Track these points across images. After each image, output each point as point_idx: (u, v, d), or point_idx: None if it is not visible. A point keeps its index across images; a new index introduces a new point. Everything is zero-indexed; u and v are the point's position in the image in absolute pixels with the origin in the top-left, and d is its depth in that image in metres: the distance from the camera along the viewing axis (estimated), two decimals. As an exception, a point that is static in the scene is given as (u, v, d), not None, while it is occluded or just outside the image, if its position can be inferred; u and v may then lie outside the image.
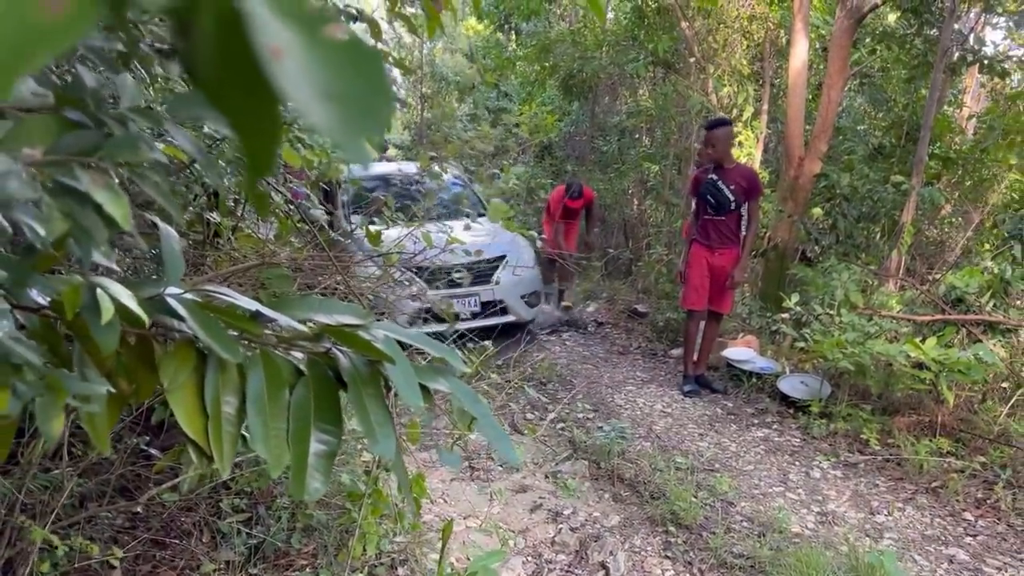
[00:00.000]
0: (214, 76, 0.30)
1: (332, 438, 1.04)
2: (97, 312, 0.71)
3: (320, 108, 0.28)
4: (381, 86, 0.29)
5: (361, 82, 0.29)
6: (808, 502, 3.74)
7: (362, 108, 0.29)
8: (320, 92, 0.28)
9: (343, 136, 0.28)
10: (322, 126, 0.28)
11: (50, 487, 2.22)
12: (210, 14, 0.29)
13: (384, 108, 0.29)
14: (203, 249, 2.47)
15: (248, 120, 0.31)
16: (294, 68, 0.27)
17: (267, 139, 0.32)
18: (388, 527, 2.87)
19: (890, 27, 7.86)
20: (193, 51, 0.30)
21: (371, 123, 0.29)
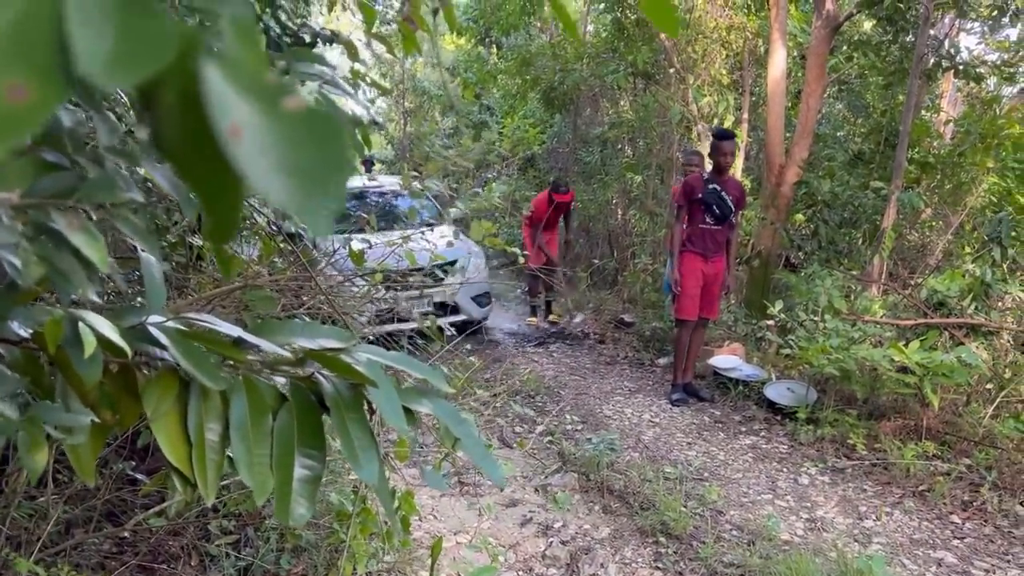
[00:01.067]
0: (177, 148, 0.31)
1: (316, 463, 1.04)
2: (79, 345, 0.72)
3: (276, 183, 0.28)
4: (337, 156, 0.30)
5: (317, 153, 0.30)
6: (797, 509, 3.76)
7: (317, 180, 0.29)
8: (278, 167, 0.29)
9: (300, 208, 0.29)
10: (279, 201, 0.28)
11: (35, 515, 2.20)
12: (172, 90, 0.30)
13: (340, 179, 0.30)
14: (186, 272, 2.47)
15: (211, 190, 0.32)
16: (252, 145, 0.28)
17: (229, 208, 0.33)
18: (377, 546, 2.86)
19: (866, 34, 7.95)
20: (157, 123, 0.31)
21: (327, 194, 0.29)
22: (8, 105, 0.25)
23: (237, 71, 0.29)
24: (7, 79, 0.25)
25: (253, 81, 0.29)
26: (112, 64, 0.25)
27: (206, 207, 0.33)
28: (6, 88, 0.25)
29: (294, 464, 1.01)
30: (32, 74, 0.26)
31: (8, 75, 0.25)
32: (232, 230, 0.33)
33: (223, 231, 0.33)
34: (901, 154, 6.02)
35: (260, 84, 0.29)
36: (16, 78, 0.25)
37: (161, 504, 2.65)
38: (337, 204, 0.30)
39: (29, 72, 0.26)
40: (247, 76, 0.29)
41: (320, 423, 1.06)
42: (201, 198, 0.33)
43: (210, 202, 0.33)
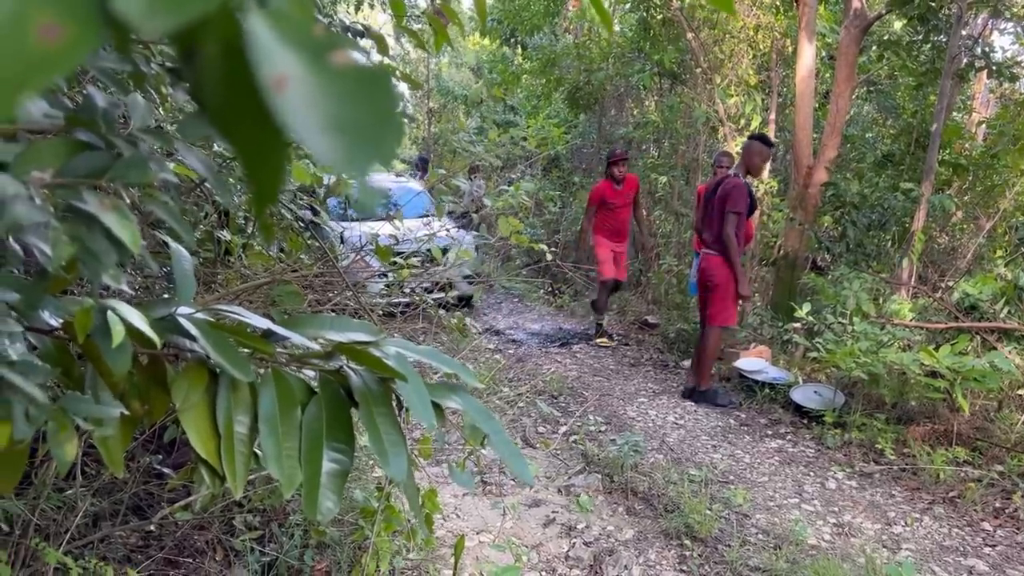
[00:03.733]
0: (219, 104, 0.30)
1: (344, 457, 1.03)
2: (108, 335, 0.71)
3: (324, 140, 0.27)
4: (389, 113, 0.29)
5: (369, 110, 0.28)
6: (824, 513, 3.71)
7: (369, 138, 0.28)
8: (325, 122, 0.27)
9: (349, 168, 0.27)
10: (326, 158, 0.27)
11: (63, 507, 2.22)
12: (214, 41, 0.29)
13: (392, 137, 0.28)
14: (214, 267, 2.48)
15: (254, 149, 0.31)
16: (298, 98, 0.27)
17: (273, 168, 0.31)
18: (401, 543, 2.86)
19: (896, 34, 7.85)
20: (198, 78, 0.30)
21: (378, 153, 0.28)
22: (41, 45, 0.24)
23: (283, 21, 0.28)
24: (40, 19, 0.24)
25: (299, 33, 0.28)
26: (151, 6, 0.24)
27: (248, 167, 0.32)
28: (39, 28, 0.24)
29: (322, 458, 1.00)
30: (66, 15, 0.25)
31: (41, 15, 0.24)
32: (276, 192, 0.32)
33: (267, 193, 0.32)
34: (932, 155, 5.93)
35: (307, 36, 0.28)
36: (50, 18, 0.24)
37: (187, 498, 2.67)
38: (387, 164, 0.28)
39: (63, 12, 0.25)
40: (293, 27, 0.28)
41: (349, 417, 1.05)
42: (243, 157, 0.31)
43: (253, 162, 0.31)
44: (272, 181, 0.32)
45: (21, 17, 0.24)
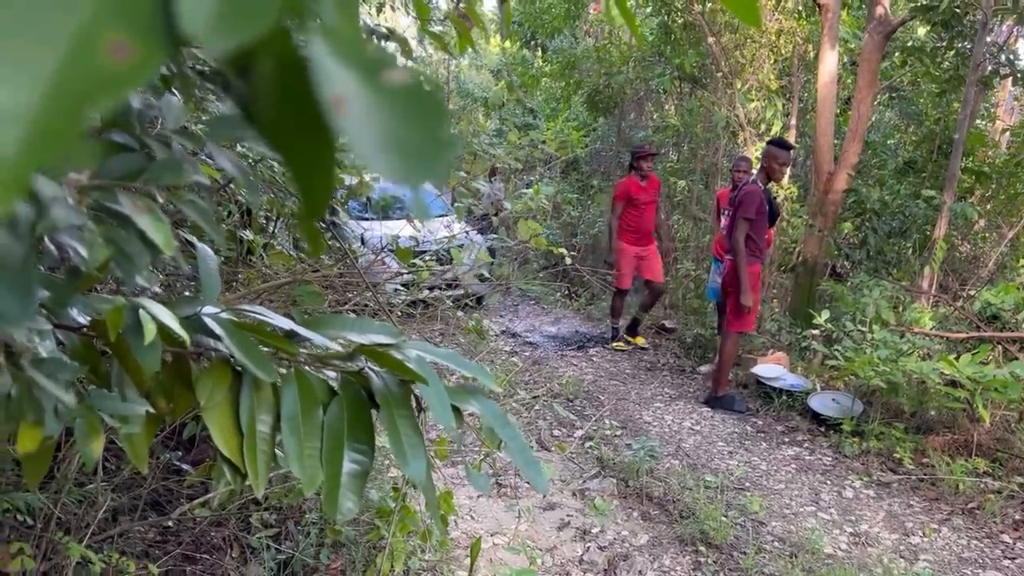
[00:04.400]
0: (272, 118, 0.31)
1: (365, 458, 1.04)
2: (139, 333, 0.72)
3: (383, 158, 0.28)
4: (443, 132, 0.29)
5: (423, 129, 0.29)
6: (841, 522, 3.68)
7: (425, 156, 0.28)
8: (382, 141, 0.28)
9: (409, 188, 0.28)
10: (386, 176, 0.27)
11: (84, 502, 2.24)
12: (269, 57, 0.29)
13: (447, 155, 0.29)
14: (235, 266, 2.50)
15: (304, 162, 0.31)
16: (357, 117, 0.27)
17: (322, 181, 0.32)
18: (416, 544, 2.87)
19: (920, 40, 7.79)
20: (252, 93, 0.30)
21: (434, 171, 0.28)
22: (110, 63, 0.25)
23: (338, 39, 0.28)
24: (110, 36, 0.25)
25: (353, 51, 0.29)
26: (216, 24, 0.25)
27: (299, 180, 0.32)
28: (109, 45, 0.25)
29: (343, 458, 1.01)
30: (135, 33, 0.25)
31: (111, 32, 0.25)
32: (325, 202, 0.33)
33: (316, 205, 0.32)
34: (955, 163, 5.87)
35: (360, 55, 0.29)
36: (119, 36, 0.25)
37: (204, 495, 2.69)
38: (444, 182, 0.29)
39: (132, 30, 0.25)
40: (347, 45, 0.29)
41: (370, 418, 1.05)
42: (294, 170, 0.32)
43: (303, 174, 0.32)
44: (322, 193, 0.32)
45: (91, 34, 0.24)
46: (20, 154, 0.24)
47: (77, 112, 0.25)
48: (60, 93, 0.24)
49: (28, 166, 0.24)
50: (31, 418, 0.70)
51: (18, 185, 0.24)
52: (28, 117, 0.24)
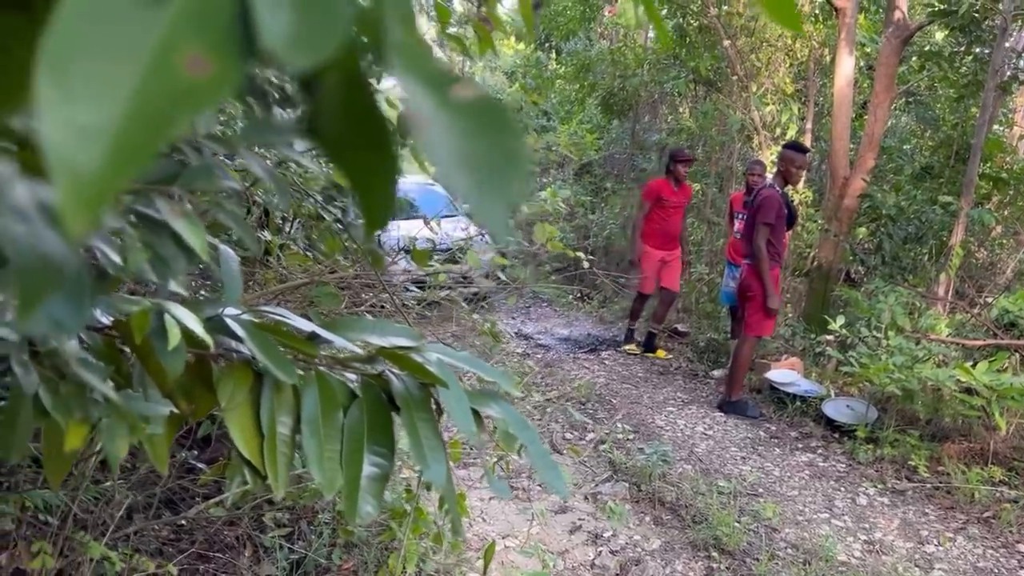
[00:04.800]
0: (336, 134, 0.30)
1: (385, 461, 1.04)
2: (164, 337, 0.72)
3: (458, 177, 0.27)
4: (515, 149, 0.29)
5: (492, 147, 0.28)
6: (855, 530, 3.66)
7: (494, 176, 0.28)
8: (455, 160, 0.27)
9: (483, 207, 0.27)
10: (465, 195, 0.27)
11: (100, 500, 2.25)
12: (336, 72, 0.29)
13: (519, 174, 0.29)
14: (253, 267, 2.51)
15: (367, 176, 0.31)
16: (433, 135, 0.27)
17: (384, 195, 0.32)
18: (427, 546, 2.87)
19: (938, 45, 7.74)
20: (317, 109, 0.30)
21: (507, 192, 0.28)
22: (188, 79, 0.25)
23: (407, 56, 0.28)
24: (188, 51, 0.25)
25: (422, 67, 0.28)
26: (296, 41, 0.25)
27: (361, 193, 0.32)
28: (187, 61, 0.25)
29: (363, 461, 1.01)
30: (213, 48, 0.25)
31: (189, 47, 0.25)
32: (386, 218, 0.32)
33: (377, 219, 0.32)
34: (972, 169, 5.83)
35: (428, 71, 0.28)
36: (197, 51, 0.25)
37: (217, 494, 2.70)
38: (516, 204, 0.29)
39: (210, 45, 0.25)
40: (416, 62, 0.28)
41: (390, 421, 1.05)
42: (356, 184, 0.32)
43: (365, 188, 0.32)
44: (383, 208, 0.32)
45: (170, 49, 0.24)
46: (104, 171, 0.24)
47: (157, 128, 0.24)
48: (141, 109, 0.24)
49: (112, 183, 0.24)
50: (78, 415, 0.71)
51: (102, 202, 0.24)
52: (110, 133, 0.24)
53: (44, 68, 0.23)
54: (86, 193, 0.23)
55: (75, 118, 0.23)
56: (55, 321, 0.43)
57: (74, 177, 0.23)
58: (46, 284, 0.35)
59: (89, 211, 0.23)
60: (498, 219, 0.28)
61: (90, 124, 0.23)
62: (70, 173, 0.23)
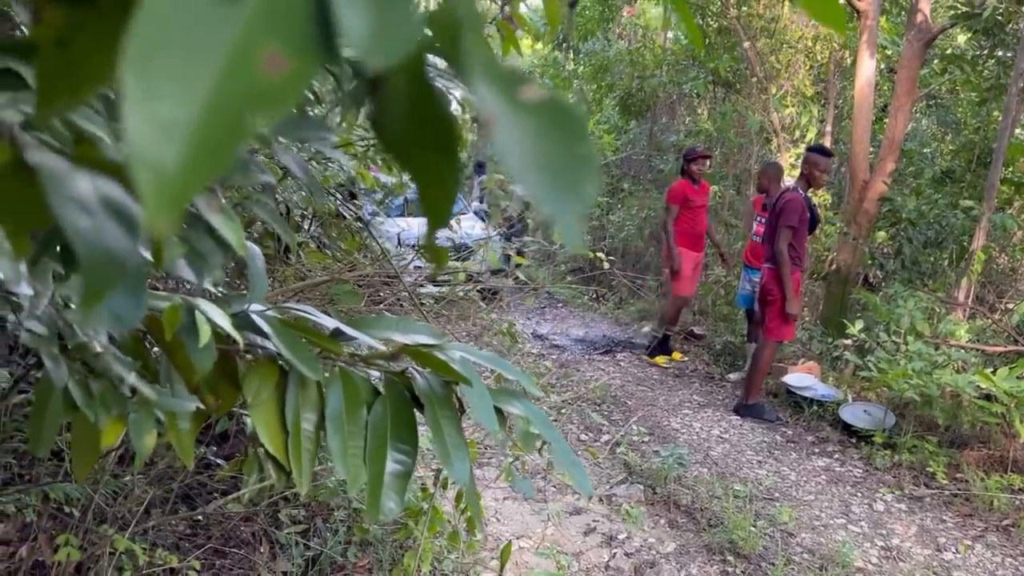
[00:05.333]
0: (400, 133, 0.30)
1: (408, 458, 1.04)
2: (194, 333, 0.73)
3: (530, 178, 0.27)
4: (585, 150, 0.29)
5: (562, 148, 0.28)
6: (871, 536, 3.63)
7: (566, 178, 0.28)
8: (528, 160, 0.27)
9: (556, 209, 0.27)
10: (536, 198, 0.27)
11: (119, 494, 2.27)
12: (403, 73, 0.29)
13: (591, 176, 0.28)
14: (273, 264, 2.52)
15: (430, 176, 0.31)
16: (505, 135, 0.27)
17: (446, 195, 0.31)
18: (442, 545, 2.87)
19: (960, 48, 7.67)
20: (382, 107, 0.30)
21: (580, 195, 0.28)
22: (265, 77, 0.25)
23: (475, 57, 0.28)
24: (265, 49, 0.24)
25: (490, 68, 0.28)
26: (374, 41, 0.25)
27: (423, 192, 0.32)
28: (265, 58, 0.25)
29: (387, 458, 1.01)
30: (290, 46, 0.25)
31: (267, 45, 0.24)
32: (448, 215, 0.32)
33: (440, 217, 0.32)
34: (995, 173, 5.77)
35: (497, 72, 0.28)
36: (274, 49, 0.25)
37: (234, 491, 2.71)
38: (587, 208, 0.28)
39: (288, 44, 0.25)
40: (483, 63, 0.28)
41: (413, 418, 1.05)
42: (419, 183, 0.32)
43: (428, 188, 0.32)
44: (445, 207, 0.32)
45: (248, 47, 0.24)
46: (183, 169, 0.24)
47: (236, 126, 0.24)
48: (219, 107, 0.24)
49: (192, 179, 0.24)
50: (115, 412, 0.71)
51: (183, 198, 0.24)
52: (191, 130, 0.24)
53: (127, 64, 0.23)
54: (167, 189, 0.23)
55: (157, 113, 0.23)
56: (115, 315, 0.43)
57: (156, 173, 0.23)
58: (109, 278, 0.35)
59: (170, 207, 0.23)
60: (571, 221, 0.28)
61: (171, 119, 0.23)
62: (152, 168, 0.23)
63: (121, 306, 0.42)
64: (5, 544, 2.08)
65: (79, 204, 0.35)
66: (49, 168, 0.37)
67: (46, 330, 0.80)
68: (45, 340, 0.78)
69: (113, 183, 0.38)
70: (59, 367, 0.76)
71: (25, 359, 2.19)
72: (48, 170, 0.36)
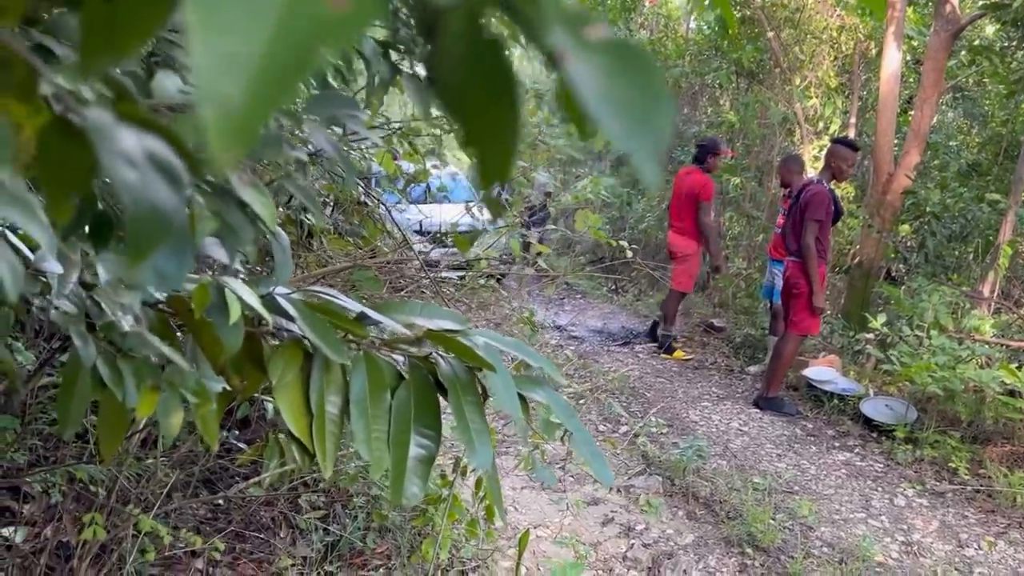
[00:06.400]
0: (457, 78, 0.30)
1: (431, 443, 1.04)
2: (224, 312, 0.73)
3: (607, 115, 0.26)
4: (656, 89, 0.28)
5: (637, 84, 0.28)
6: (892, 530, 3.60)
7: (643, 114, 0.27)
8: (601, 97, 0.27)
9: (631, 146, 0.27)
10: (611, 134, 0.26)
11: (142, 476, 2.29)
12: (460, 18, 0.28)
13: (663, 113, 0.28)
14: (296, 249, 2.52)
15: (487, 126, 0.30)
16: (578, 71, 0.26)
17: (505, 145, 0.31)
18: (460, 532, 2.87)
19: (989, 40, 7.56)
20: (438, 52, 0.30)
21: (655, 130, 0.27)
22: (330, 11, 0.24)
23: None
24: None
25: (556, 6, 0.28)
26: None
27: (478, 143, 0.31)
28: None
29: (410, 442, 1.01)
30: None
31: None
32: (507, 170, 0.32)
33: (496, 170, 0.32)
34: (1022, 166, 5.68)
35: (562, 11, 0.28)
36: None
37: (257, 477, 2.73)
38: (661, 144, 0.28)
39: None
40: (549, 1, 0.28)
41: (437, 403, 1.05)
42: (474, 134, 0.31)
43: (483, 138, 0.31)
44: (503, 158, 0.31)
45: None
46: (250, 101, 0.23)
47: (300, 58, 0.24)
48: (284, 39, 0.24)
49: (257, 114, 0.24)
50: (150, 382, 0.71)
51: (248, 131, 0.23)
52: (256, 62, 0.24)
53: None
54: (232, 122, 0.23)
55: (222, 46, 0.23)
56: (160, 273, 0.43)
57: (221, 105, 0.23)
58: (156, 234, 0.35)
59: (236, 141, 0.23)
60: (646, 156, 0.27)
61: (236, 52, 0.23)
62: (218, 101, 0.23)
63: (166, 265, 0.42)
64: (30, 524, 2.11)
65: (125, 158, 0.35)
66: (95, 122, 0.36)
67: (75, 308, 0.80)
68: (73, 319, 0.79)
69: (157, 139, 0.38)
70: (87, 345, 0.76)
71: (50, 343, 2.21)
72: (94, 123, 0.36)
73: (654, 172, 0.28)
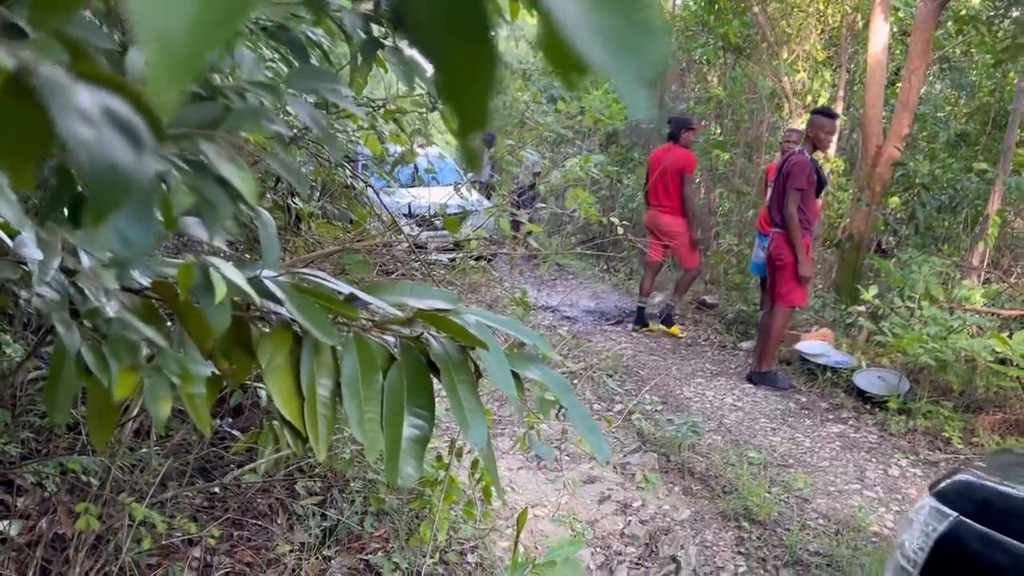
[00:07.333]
0: (430, 17, 0.28)
1: (425, 423, 1.03)
2: (209, 292, 0.71)
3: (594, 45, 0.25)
4: (649, 18, 0.27)
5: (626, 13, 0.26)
6: (887, 500, 3.63)
7: (632, 45, 0.26)
8: (587, 27, 0.25)
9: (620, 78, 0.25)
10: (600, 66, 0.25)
11: (136, 466, 2.28)
12: None
13: (656, 44, 0.26)
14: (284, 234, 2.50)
15: (462, 68, 0.29)
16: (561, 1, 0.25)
17: (482, 90, 0.29)
18: (458, 514, 2.88)
19: (975, 9, 7.53)
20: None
21: (644, 62, 0.26)
22: None
23: None
24: None
25: None
26: None
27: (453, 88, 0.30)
28: None
29: (404, 423, 1.00)
30: None
31: None
32: (485, 117, 0.30)
33: (474, 117, 0.30)
34: (1010, 136, 5.69)
35: None
36: None
37: (252, 464, 2.72)
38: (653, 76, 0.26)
39: None
40: None
41: (430, 383, 1.04)
42: (449, 77, 0.30)
43: (459, 82, 0.29)
44: (480, 104, 0.30)
45: None
46: (192, 36, 0.22)
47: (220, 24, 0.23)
48: None
49: (199, 47, 0.22)
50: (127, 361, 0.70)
51: (190, 68, 0.22)
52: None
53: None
54: (174, 58, 0.22)
55: None
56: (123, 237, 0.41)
57: (162, 41, 0.22)
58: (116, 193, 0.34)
59: (177, 78, 0.22)
60: (634, 86, 0.26)
61: None
62: (158, 37, 0.22)
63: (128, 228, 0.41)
64: (24, 518, 2.09)
65: (81, 115, 0.33)
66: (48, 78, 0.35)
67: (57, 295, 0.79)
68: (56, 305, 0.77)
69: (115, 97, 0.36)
70: (71, 332, 0.75)
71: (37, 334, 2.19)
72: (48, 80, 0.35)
73: (642, 100, 0.26)
